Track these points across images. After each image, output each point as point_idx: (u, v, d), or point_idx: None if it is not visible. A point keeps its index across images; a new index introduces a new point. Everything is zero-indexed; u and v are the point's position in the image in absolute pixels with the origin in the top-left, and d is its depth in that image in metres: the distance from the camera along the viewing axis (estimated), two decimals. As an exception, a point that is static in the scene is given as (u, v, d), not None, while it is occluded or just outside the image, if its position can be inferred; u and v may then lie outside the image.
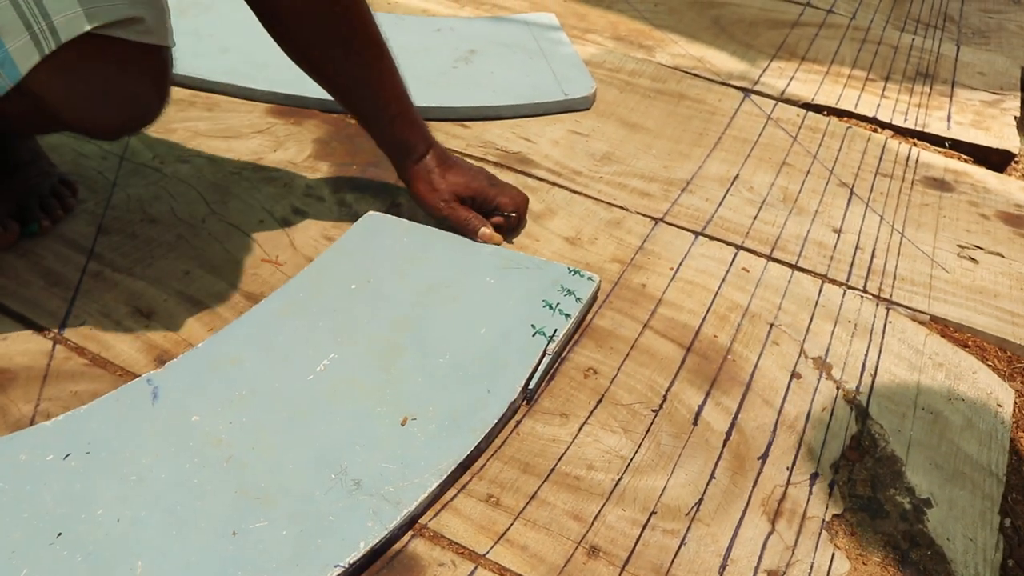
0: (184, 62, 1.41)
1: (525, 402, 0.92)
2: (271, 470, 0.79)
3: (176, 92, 1.39)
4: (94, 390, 0.88)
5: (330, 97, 1.05)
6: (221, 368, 0.89)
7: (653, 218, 1.22)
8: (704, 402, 0.94)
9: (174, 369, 0.89)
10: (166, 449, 0.80)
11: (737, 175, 1.33)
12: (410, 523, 0.78)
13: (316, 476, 0.79)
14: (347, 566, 0.72)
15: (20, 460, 0.78)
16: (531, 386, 0.91)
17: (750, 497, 0.85)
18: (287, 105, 1.38)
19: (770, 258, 1.16)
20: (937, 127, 1.52)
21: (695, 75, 1.62)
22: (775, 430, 0.92)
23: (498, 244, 1.10)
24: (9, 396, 0.87)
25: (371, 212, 1.14)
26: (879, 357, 1.02)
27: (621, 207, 1.24)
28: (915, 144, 1.49)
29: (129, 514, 0.75)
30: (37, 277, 1.02)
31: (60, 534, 0.73)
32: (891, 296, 1.11)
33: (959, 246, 1.23)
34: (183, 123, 1.32)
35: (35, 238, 1.06)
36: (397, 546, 0.77)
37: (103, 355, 0.93)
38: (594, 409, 0.92)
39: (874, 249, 1.20)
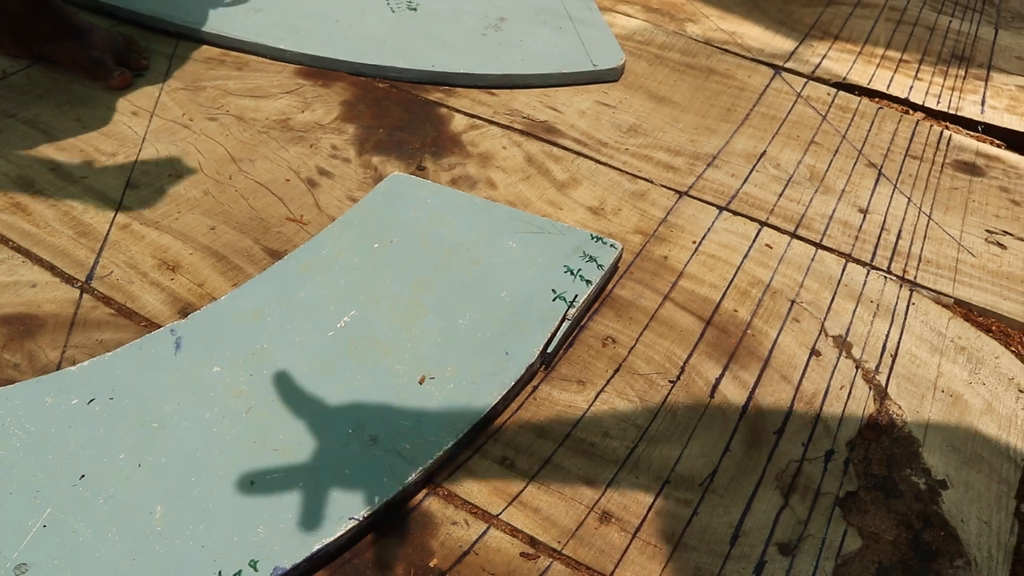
0: (216, 21, 1.42)
1: (543, 367, 0.92)
2: (289, 423, 0.80)
3: (206, 51, 1.39)
4: (119, 339, 0.90)
5: (360, 60, 1.05)
6: (243, 321, 0.90)
7: (677, 191, 1.21)
8: (722, 375, 0.94)
9: (197, 321, 0.90)
10: (187, 398, 0.82)
11: (764, 152, 1.32)
12: (425, 480, 0.79)
13: (333, 430, 0.80)
14: (361, 519, 0.73)
15: (46, 403, 0.80)
16: (549, 350, 0.91)
17: (764, 471, 0.85)
18: (316, 67, 1.38)
19: (794, 235, 1.15)
20: (971, 111, 1.50)
21: (726, 50, 1.60)
22: (792, 406, 0.92)
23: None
24: (37, 342, 0.89)
25: (395, 173, 1.14)
26: (900, 338, 1.01)
27: (646, 179, 1.23)
28: (947, 127, 1.46)
29: (150, 459, 0.76)
30: (66, 227, 1.03)
31: (83, 476, 0.74)
32: (915, 278, 1.10)
33: (987, 231, 1.21)
34: (213, 81, 1.32)
35: (64, 188, 1.08)
36: (412, 503, 0.78)
37: (128, 305, 0.94)
38: (611, 378, 0.92)
39: (900, 231, 1.18)
